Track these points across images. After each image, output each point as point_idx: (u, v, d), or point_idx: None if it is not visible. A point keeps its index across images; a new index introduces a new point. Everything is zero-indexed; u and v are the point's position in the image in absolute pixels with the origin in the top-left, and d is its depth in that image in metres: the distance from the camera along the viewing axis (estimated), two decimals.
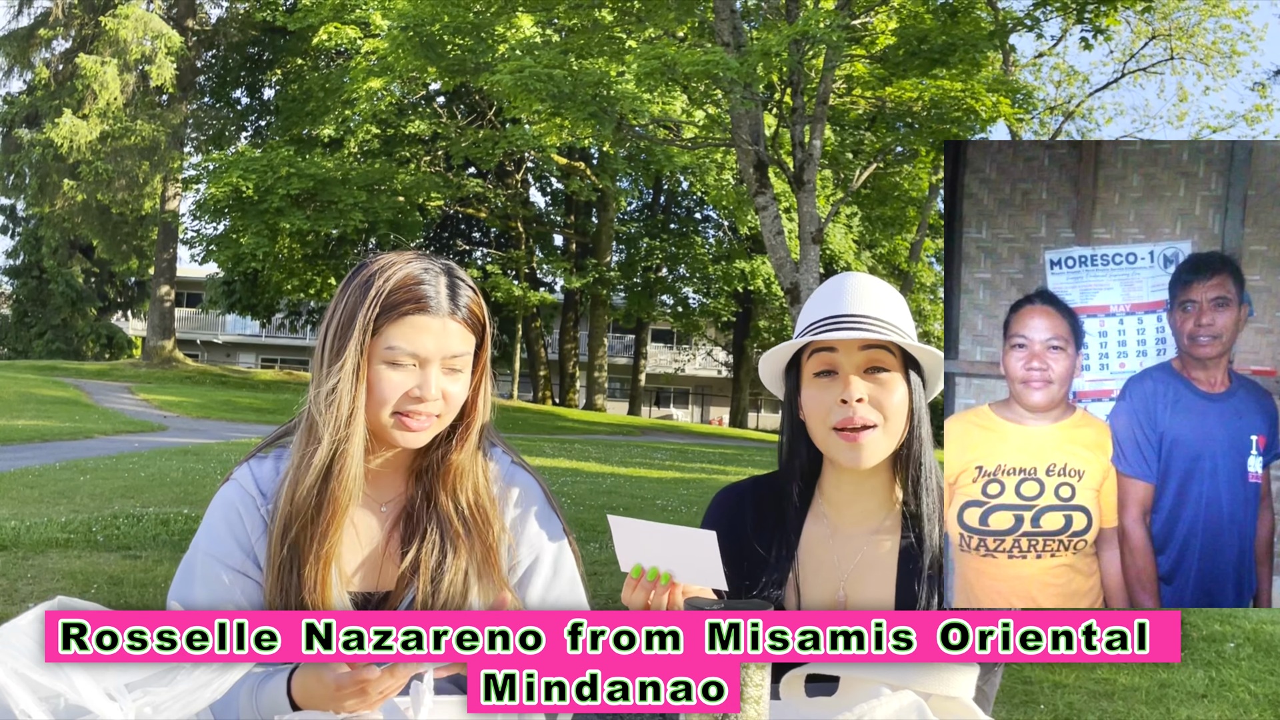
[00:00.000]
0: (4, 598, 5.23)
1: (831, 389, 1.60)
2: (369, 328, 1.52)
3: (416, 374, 1.54)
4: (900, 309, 1.66)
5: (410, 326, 1.52)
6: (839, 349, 1.60)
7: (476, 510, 1.62)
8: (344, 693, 1.34)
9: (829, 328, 1.61)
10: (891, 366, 1.60)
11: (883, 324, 1.60)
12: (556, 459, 14.27)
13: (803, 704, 1.43)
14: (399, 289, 1.53)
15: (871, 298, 1.63)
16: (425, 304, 1.53)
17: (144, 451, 12.32)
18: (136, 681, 1.22)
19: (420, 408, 1.54)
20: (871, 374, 1.60)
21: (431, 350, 1.53)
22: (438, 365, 1.54)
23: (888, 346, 1.59)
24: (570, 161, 27.55)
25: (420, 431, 1.56)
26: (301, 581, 1.54)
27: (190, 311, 42.05)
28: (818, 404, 1.62)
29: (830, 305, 1.64)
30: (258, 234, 23.00)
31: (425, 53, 16.25)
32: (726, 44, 14.57)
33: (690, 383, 46.60)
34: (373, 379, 1.53)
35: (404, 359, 1.53)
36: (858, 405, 1.58)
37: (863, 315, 1.60)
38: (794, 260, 15.31)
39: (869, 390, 1.59)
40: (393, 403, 1.53)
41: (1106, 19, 15.48)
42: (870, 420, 1.58)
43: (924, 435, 1.63)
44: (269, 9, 25.90)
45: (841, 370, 1.60)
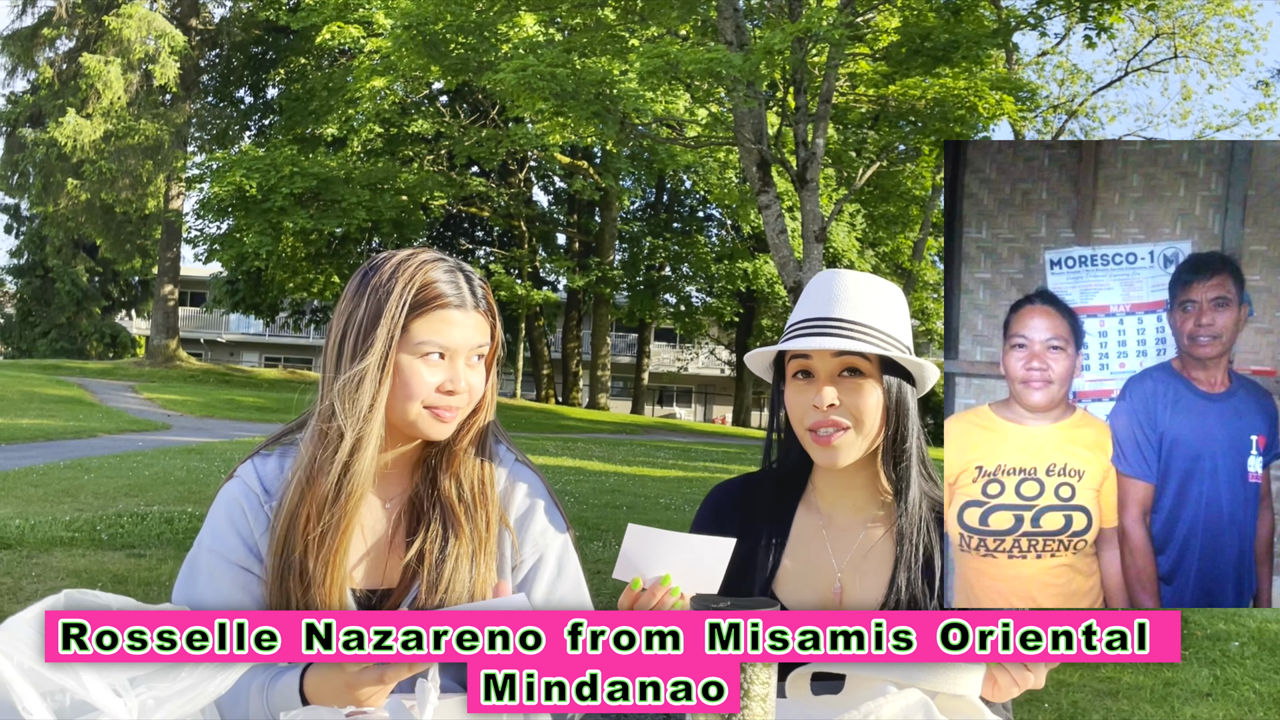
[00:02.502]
0: (9, 596, 5.24)
1: (807, 391, 1.64)
2: (399, 324, 1.54)
3: (446, 367, 1.56)
4: (888, 309, 1.65)
5: (441, 321, 1.55)
6: (814, 356, 1.63)
7: (478, 496, 1.64)
8: (363, 678, 1.34)
9: (804, 332, 1.64)
10: (867, 371, 1.62)
11: (863, 329, 1.61)
12: (560, 458, 14.28)
13: (808, 702, 1.44)
14: (426, 285, 1.55)
15: (855, 300, 1.63)
16: (452, 299, 1.56)
17: (148, 450, 12.33)
18: (140, 676, 1.22)
19: (451, 400, 1.56)
20: (846, 377, 1.62)
21: (460, 343, 1.56)
22: (464, 358, 1.57)
23: (861, 352, 1.61)
24: (573, 160, 27.55)
25: (450, 423, 1.58)
26: (309, 578, 1.54)
27: (194, 310, 42.10)
28: (795, 405, 1.66)
29: (813, 306, 1.66)
30: (261, 233, 23.01)
31: (428, 52, 16.25)
32: (729, 42, 14.56)
33: (693, 381, 46.59)
34: (405, 373, 1.55)
35: (435, 353, 1.55)
36: (829, 410, 1.61)
37: (843, 320, 1.61)
38: (797, 259, 15.30)
39: (842, 395, 1.61)
40: (423, 396, 1.55)
41: (1110, 17, 15.44)
42: (843, 423, 1.61)
43: (910, 428, 1.64)
44: (272, 8, 25.91)
45: (816, 375, 1.63)
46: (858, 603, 1.63)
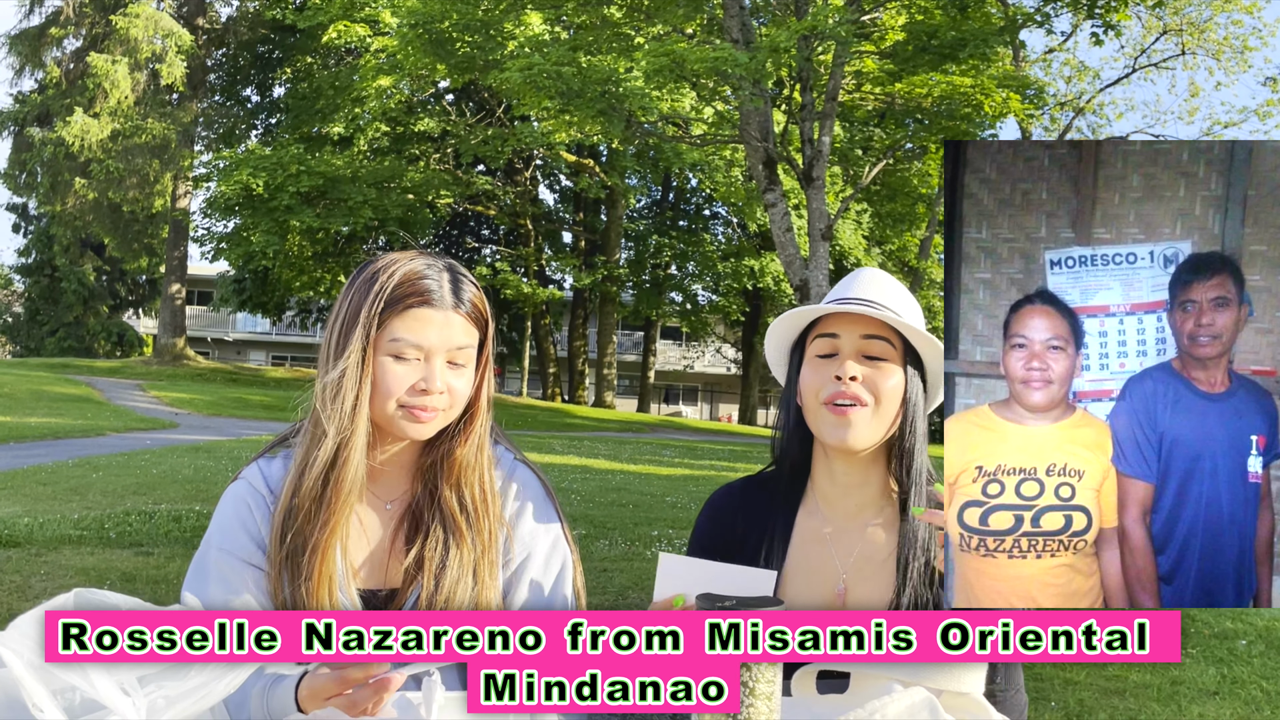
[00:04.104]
0: (17, 594, 5.26)
1: (829, 367, 1.65)
2: (374, 321, 1.54)
3: (421, 367, 1.56)
4: (909, 302, 1.71)
5: (414, 319, 1.55)
6: (841, 334, 1.65)
7: (480, 505, 1.64)
8: (318, 681, 1.34)
9: (835, 306, 1.67)
10: (890, 357, 1.64)
11: (889, 310, 1.65)
12: (566, 456, 14.28)
13: (814, 701, 1.44)
14: (403, 283, 1.55)
15: (881, 286, 1.69)
16: (429, 297, 1.56)
17: (156, 449, 12.37)
18: (150, 675, 1.23)
19: (426, 400, 1.56)
20: (870, 360, 1.64)
21: (435, 342, 1.56)
22: (442, 358, 1.57)
23: (888, 338, 1.64)
24: (579, 159, 27.56)
25: (427, 423, 1.58)
26: (300, 575, 1.55)
27: (201, 309, 42.19)
28: (814, 379, 1.66)
29: (842, 289, 1.71)
30: (268, 232, 23.05)
31: (434, 50, 16.27)
32: (735, 40, 14.55)
33: (699, 380, 46.57)
34: (378, 372, 1.55)
35: (408, 351, 1.55)
36: (851, 383, 1.62)
37: (869, 299, 1.66)
38: (803, 257, 15.29)
39: (864, 372, 1.63)
40: (398, 395, 1.55)
41: (1117, 14, 15.41)
42: (862, 398, 1.62)
43: (919, 431, 1.65)
44: (279, 7, 25.94)
45: (841, 352, 1.65)
46: (862, 605, 1.63)
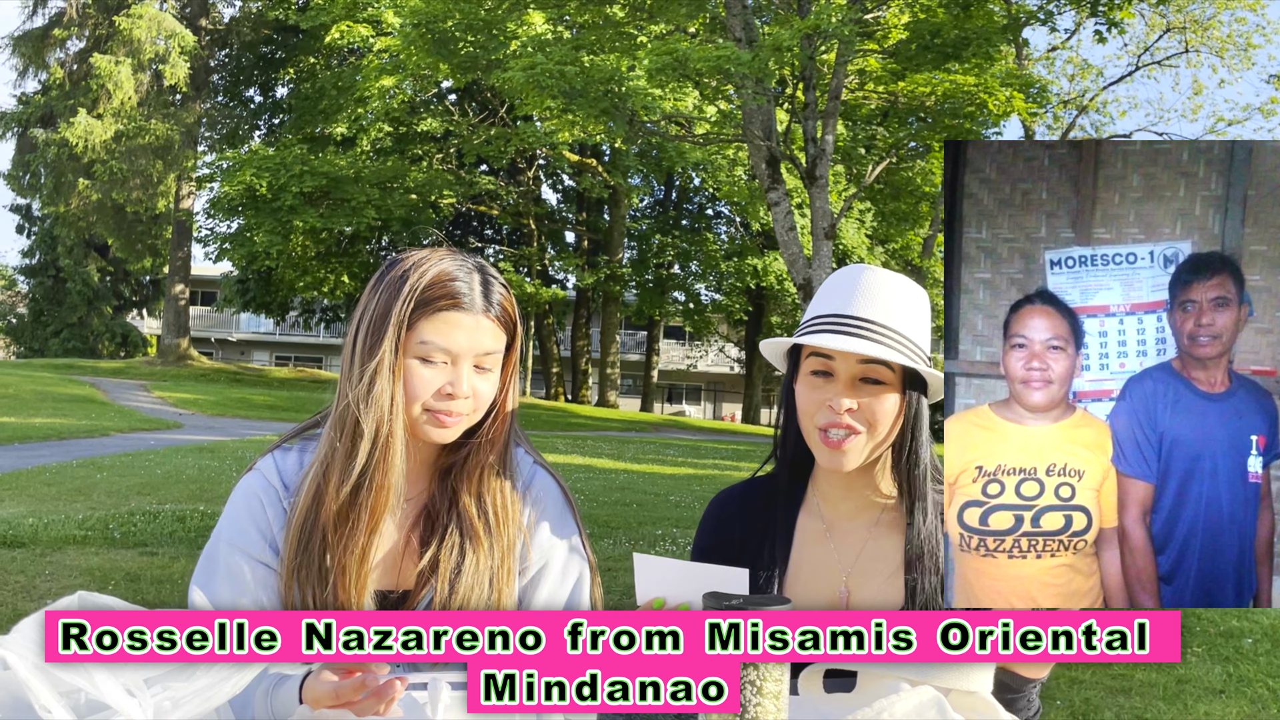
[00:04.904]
0: (23, 594, 5.28)
1: (824, 390, 1.59)
2: (404, 323, 1.51)
3: (448, 370, 1.53)
4: (914, 313, 1.61)
5: (444, 322, 1.51)
6: (836, 357, 1.58)
7: (500, 512, 1.61)
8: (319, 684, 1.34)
9: (829, 327, 1.59)
10: (888, 379, 1.58)
11: (889, 333, 1.57)
12: (569, 455, 14.29)
13: (821, 700, 1.43)
14: (434, 284, 1.52)
15: (883, 300, 1.59)
16: (460, 300, 1.52)
17: (160, 449, 12.39)
18: (155, 676, 1.22)
19: (451, 405, 1.53)
20: (866, 384, 1.58)
21: (464, 347, 1.52)
22: (469, 362, 1.53)
23: (887, 362, 1.57)
24: (582, 158, 27.56)
25: (451, 428, 1.55)
26: (330, 576, 1.53)
27: (205, 309, 42.26)
28: (808, 401, 1.61)
29: (839, 302, 1.60)
30: (271, 232, 23.09)
31: (437, 50, 16.28)
32: (738, 39, 14.54)
33: (703, 379, 46.56)
34: (406, 374, 1.52)
35: (436, 355, 1.52)
36: (845, 414, 1.57)
37: (869, 321, 1.57)
38: (806, 256, 15.29)
39: (860, 400, 1.57)
40: (424, 399, 1.52)
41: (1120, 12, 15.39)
42: (856, 427, 1.57)
43: (922, 436, 1.62)
44: (281, 7, 26.00)
45: (836, 376, 1.59)
46: (865, 604, 1.62)
